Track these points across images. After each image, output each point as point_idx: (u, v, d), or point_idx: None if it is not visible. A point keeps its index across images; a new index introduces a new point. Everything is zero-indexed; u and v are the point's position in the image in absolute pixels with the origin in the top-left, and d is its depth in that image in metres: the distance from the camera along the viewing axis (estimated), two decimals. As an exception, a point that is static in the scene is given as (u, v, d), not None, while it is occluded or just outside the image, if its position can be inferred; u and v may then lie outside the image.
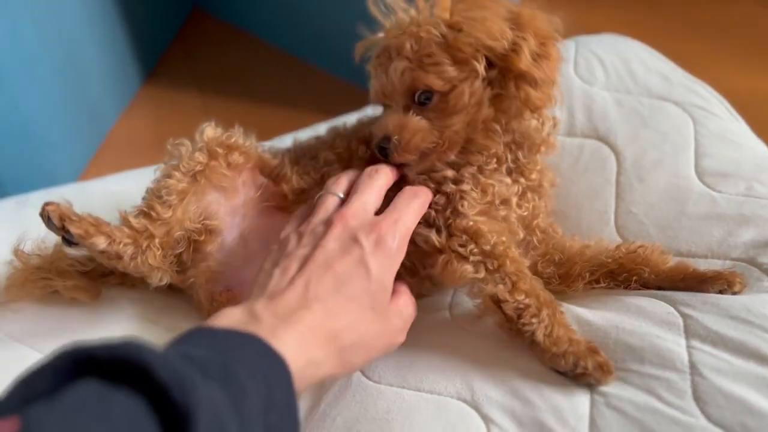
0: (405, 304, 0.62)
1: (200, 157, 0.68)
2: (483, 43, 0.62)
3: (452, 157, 0.67)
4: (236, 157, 0.70)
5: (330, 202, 0.64)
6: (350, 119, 0.88)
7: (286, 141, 0.95)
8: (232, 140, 0.71)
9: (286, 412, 0.45)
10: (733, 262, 0.69)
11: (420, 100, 0.65)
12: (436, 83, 0.64)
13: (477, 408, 0.60)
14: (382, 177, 0.65)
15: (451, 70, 0.63)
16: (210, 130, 0.70)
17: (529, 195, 0.70)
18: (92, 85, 1.55)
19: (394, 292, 0.61)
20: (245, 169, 0.72)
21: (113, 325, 0.71)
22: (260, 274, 0.60)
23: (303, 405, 0.66)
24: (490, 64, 0.64)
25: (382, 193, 0.65)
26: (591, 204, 0.79)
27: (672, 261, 0.67)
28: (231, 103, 1.71)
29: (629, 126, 0.83)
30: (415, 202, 0.64)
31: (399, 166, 0.68)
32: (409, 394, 0.63)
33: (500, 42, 0.62)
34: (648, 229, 0.74)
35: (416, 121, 0.65)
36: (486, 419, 0.59)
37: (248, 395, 0.42)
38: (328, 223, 0.60)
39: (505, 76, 0.64)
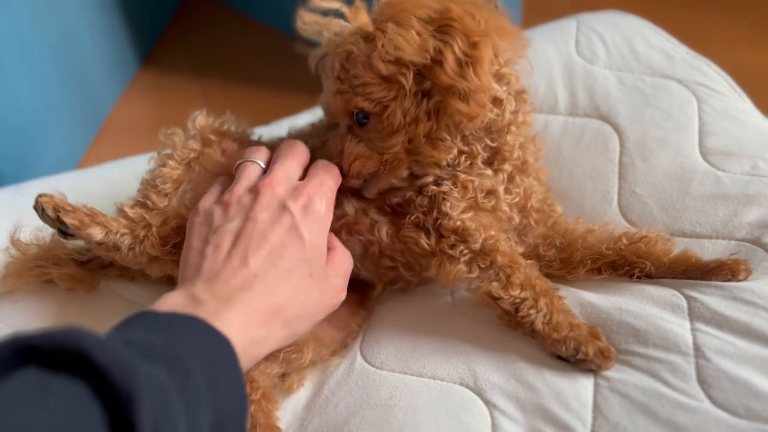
0: (340, 260, 0.61)
1: (194, 144, 0.67)
2: (402, 59, 0.58)
3: (405, 174, 0.64)
4: (229, 144, 0.69)
5: (251, 170, 0.62)
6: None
7: (282, 126, 0.94)
8: (225, 127, 0.70)
9: (232, 391, 0.45)
10: (737, 243, 0.68)
11: (359, 119, 0.62)
12: (366, 105, 0.60)
13: (480, 393, 0.60)
14: (303, 148, 0.64)
15: (377, 90, 0.59)
16: (202, 118, 0.69)
17: (518, 178, 0.67)
18: (89, 70, 1.54)
19: (327, 248, 0.60)
20: (239, 156, 0.71)
21: (112, 316, 0.70)
22: (189, 253, 0.58)
23: (306, 392, 0.66)
24: (422, 75, 0.59)
25: (305, 163, 0.63)
26: (594, 184, 0.78)
27: (675, 249, 0.66)
28: (229, 86, 1.70)
29: (632, 105, 0.82)
30: (334, 170, 0.63)
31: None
32: (412, 380, 0.62)
33: (421, 54, 0.58)
34: (651, 210, 0.73)
35: (353, 147, 0.63)
36: (489, 404, 0.59)
37: (192, 375, 0.42)
38: (255, 192, 0.59)
39: (437, 86, 0.59)
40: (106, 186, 0.84)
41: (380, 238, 0.66)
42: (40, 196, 0.63)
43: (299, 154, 0.63)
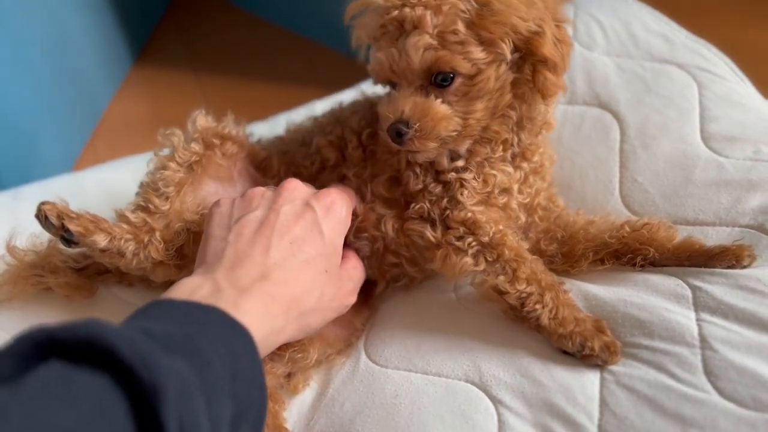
0: (354, 267, 0.63)
1: (196, 147, 0.67)
2: (512, 24, 0.57)
3: (468, 145, 0.63)
4: (230, 147, 0.69)
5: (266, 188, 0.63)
6: (349, 96, 0.86)
7: (280, 121, 0.93)
8: (226, 131, 0.69)
9: (252, 380, 0.46)
10: (741, 230, 0.67)
11: (438, 81, 0.59)
12: (463, 66, 0.58)
13: (486, 390, 0.60)
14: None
15: (478, 52, 0.58)
16: (202, 119, 0.69)
17: (531, 179, 0.67)
18: (83, 67, 1.52)
19: (342, 257, 0.62)
20: (239, 158, 0.70)
21: (113, 319, 0.70)
22: (209, 240, 0.58)
23: (311, 392, 0.66)
24: (514, 48, 0.59)
25: None
26: (595, 173, 0.77)
27: (678, 237, 0.65)
28: (225, 79, 1.69)
29: (632, 92, 0.81)
30: (346, 192, 0.64)
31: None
32: (417, 377, 0.62)
33: (528, 23, 0.58)
34: (654, 198, 0.73)
35: (439, 107, 0.60)
36: (495, 401, 0.59)
37: (212, 366, 0.42)
38: (279, 189, 0.60)
39: (524, 59, 0.60)
40: (103, 188, 0.83)
41: (386, 233, 0.65)
42: (42, 204, 0.62)
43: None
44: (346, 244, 0.63)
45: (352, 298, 0.63)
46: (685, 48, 0.85)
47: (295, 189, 0.60)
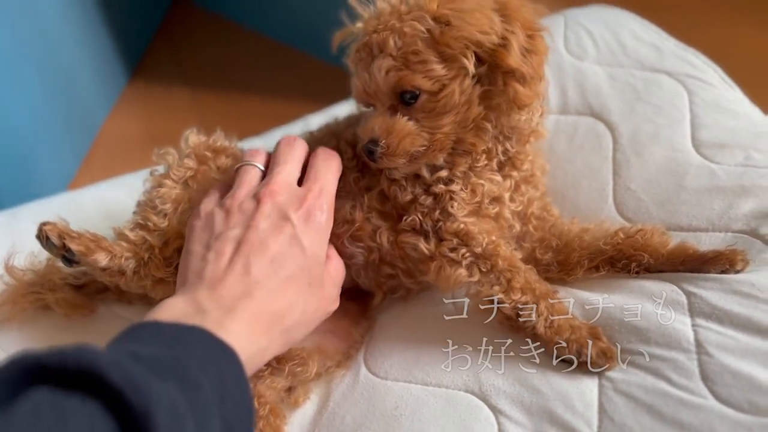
0: (335, 268, 0.62)
1: (190, 163, 0.67)
2: (472, 38, 0.59)
3: (441, 159, 0.64)
4: (224, 160, 0.69)
5: (252, 175, 0.62)
6: (343, 110, 0.87)
7: (275, 136, 0.93)
8: (218, 144, 0.70)
9: (240, 401, 0.46)
10: (734, 235, 0.68)
11: (406, 99, 0.62)
12: (425, 84, 0.60)
13: (485, 399, 0.60)
14: (301, 147, 0.64)
15: (439, 69, 0.60)
16: (193, 137, 0.69)
17: (523, 187, 0.68)
18: (77, 85, 1.53)
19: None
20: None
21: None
22: (190, 257, 0.58)
23: (312, 405, 0.66)
24: (478, 60, 0.60)
25: (302, 162, 0.64)
26: (588, 182, 0.78)
27: (672, 242, 0.66)
28: (220, 95, 1.69)
29: (623, 100, 0.82)
30: (333, 164, 0.63)
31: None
32: (417, 388, 0.62)
33: (490, 36, 0.59)
34: (647, 206, 0.73)
35: (404, 124, 0.62)
36: (495, 410, 0.59)
37: (202, 389, 0.42)
38: (256, 200, 0.59)
39: (494, 71, 0.61)
40: (100, 206, 0.83)
41: (381, 244, 0.66)
42: (43, 224, 0.62)
43: (297, 154, 0.63)
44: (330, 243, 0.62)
45: (335, 303, 0.62)
46: (674, 56, 0.86)
47: (273, 197, 0.59)
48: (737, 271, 0.63)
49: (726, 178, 0.72)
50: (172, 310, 0.52)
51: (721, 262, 0.63)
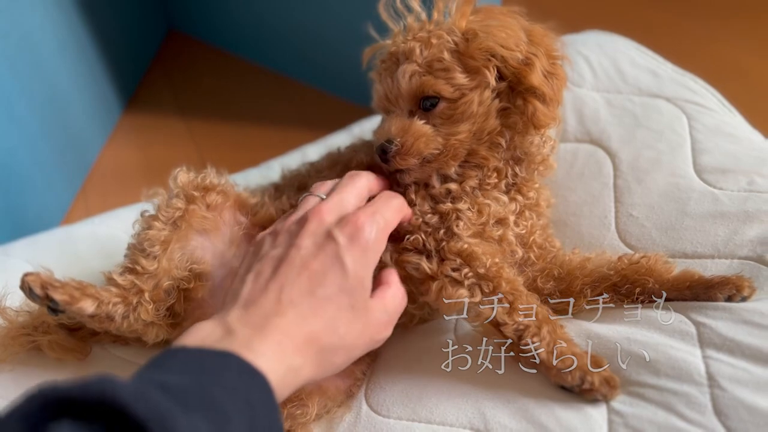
0: (392, 296, 0.59)
1: (178, 203, 0.66)
2: (497, 53, 0.62)
3: (453, 168, 0.66)
4: (214, 197, 0.68)
5: (310, 203, 0.61)
6: (340, 140, 0.86)
7: (272, 166, 0.93)
8: (207, 181, 0.69)
9: (269, 429, 0.44)
10: (741, 262, 0.66)
11: (425, 106, 0.64)
12: (446, 89, 0.63)
13: (491, 437, 0.58)
14: (364, 180, 0.63)
15: (461, 77, 0.63)
16: (183, 175, 0.68)
17: (527, 213, 0.68)
18: (73, 117, 1.52)
19: (381, 283, 0.59)
20: (225, 208, 0.70)
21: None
22: (235, 280, 0.57)
23: (312, 445, 0.64)
24: (500, 77, 0.63)
25: (363, 196, 0.62)
26: (590, 210, 0.77)
27: (677, 269, 0.65)
28: (215, 125, 1.69)
29: (622, 127, 0.81)
30: (394, 201, 0.62)
31: (396, 172, 0.66)
32: (420, 427, 0.61)
33: (515, 53, 0.62)
34: (650, 232, 0.72)
35: (420, 126, 0.64)
36: (501, 449, 0.57)
37: (231, 420, 0.41)
38: (303, 220, 0.57)
39: (514, 90, 0.63)
40: (94, 243, 0.82)
41: (385, 264, 0.64)
42: (26, 275, 0.61)
43: (358, 185, 0.62)
44: (392, 268, 0.61)
45: (387, 332, 0.58)
46: (672, 81, 0.85)
47: (320, 216, 0.57)
48: (744, 298, 0.61)
49: (729, 204, 0.71)
50: (200, 333, 0.50)
51: (728, 287, 0.62)
